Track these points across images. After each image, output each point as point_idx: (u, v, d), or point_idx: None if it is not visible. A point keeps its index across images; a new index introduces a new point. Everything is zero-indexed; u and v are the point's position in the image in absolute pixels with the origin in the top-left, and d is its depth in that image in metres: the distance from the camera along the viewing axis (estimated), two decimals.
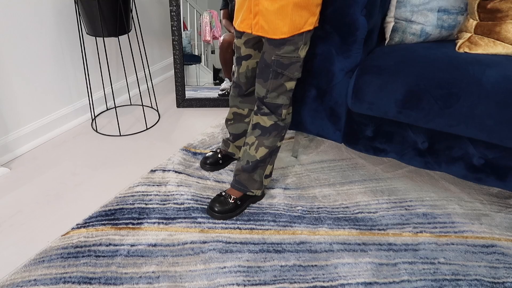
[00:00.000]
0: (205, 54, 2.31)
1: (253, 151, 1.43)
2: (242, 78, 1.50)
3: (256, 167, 1.45)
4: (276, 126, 1.40)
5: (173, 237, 1.37)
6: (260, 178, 1.47)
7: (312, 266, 1.28)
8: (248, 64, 1.46)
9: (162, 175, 1.67)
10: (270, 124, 1.40)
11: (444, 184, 1.66)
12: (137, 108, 2.22)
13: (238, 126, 1.64)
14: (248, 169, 1.45)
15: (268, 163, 1.47)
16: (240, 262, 1.28)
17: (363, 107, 1.42)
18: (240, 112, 1.61)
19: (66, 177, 1.67)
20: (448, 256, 1.32)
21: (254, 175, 1.46)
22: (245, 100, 1.58)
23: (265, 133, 1.40)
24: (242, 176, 1.47)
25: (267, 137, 1.41)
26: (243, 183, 1.47)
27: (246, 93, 1.54)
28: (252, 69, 1.47)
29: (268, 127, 1.40)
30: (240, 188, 1.47)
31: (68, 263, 1.27)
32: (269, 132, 1.40)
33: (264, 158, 1.43)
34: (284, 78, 1.33)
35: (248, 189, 1.47)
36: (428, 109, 1.30)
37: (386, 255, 1.33)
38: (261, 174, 1.47)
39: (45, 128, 1.91)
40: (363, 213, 1.51)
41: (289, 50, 1.28)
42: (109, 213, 1.47)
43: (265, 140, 1.41)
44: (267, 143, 1.41)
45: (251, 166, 1.44)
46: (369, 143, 1.53)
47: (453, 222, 1.47)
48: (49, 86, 1.88)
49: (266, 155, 1.43)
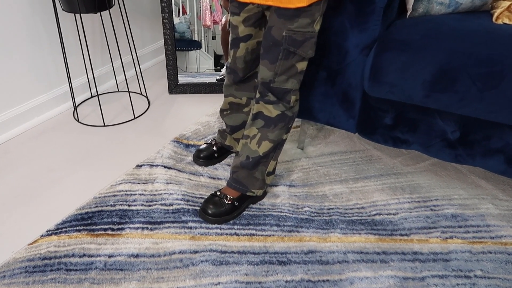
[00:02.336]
0: (206, 40, 2.10)
1: (254, 145, 1.22)
2: (240, 63, 1.28)
3: (257, 163, 1.24)
4: (283, 116, 1.19)
5: (158, 245, 1.17)
6: (261, 176, 1.27)
7: (323, 281, 1.07)
8: (247, 46, 1.24)
9: (149, 170, 1.46)
10: (276, 114, 1.18)
11: (474, 180, 1.44)
12: (125, 95, 2.00)
13: (235, 116, 1.43)
14: (248, 165, 1.24)
15: (271, 159, 1.26)
16: (237, 276, 1.08)
17: (383, 90, 1.19)
18: (238, 101, 1.40)
19: (41, 174, 1.46)
20: (486, 268, 1.11)
21: (255, 173, 1.25)
22: (242, 87, 1.36)
23: (270, 125, 1.19)
24: (240, 174, 1.26)
25: (272, 129, 1.20)
26: (241, 181, 1.26)
27: (243, 79, 1.33)
28: (252, 51, 1.25)
29: (273, 117, 1.19)
30: (238, 187, 1.27)
31: (33, 279, 1.07)
32: (275, 124, 1.19)
33: (268, 153, 1.23)
34: (296, 58, 1.11)
35: (248, 188, 1.27)
36: (464, 92, 1.08)
37: (411, 266, 1.11)
38: (263, 171, 1.26)
39: (19, 118, 1.70)
40: (381, 214, 1.29)
41: (304, 23, 1.06)
42: (86, 216, 1.26)
43: (269, 133, 1.20)
44: (272, 137, 1.20)
45: (251, 162, 1.23)
46: (388, 132, 1.31)
47: (487, 225, 1.25)
48: (23, 70, 1.67)
49: (270, 150, 1.22)
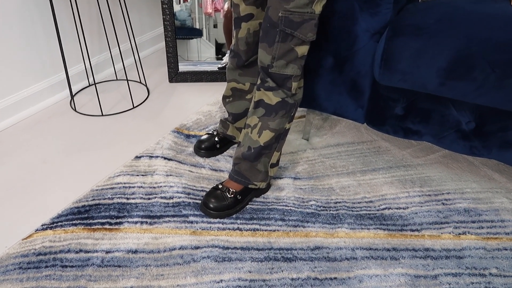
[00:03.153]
0: (207, 28, 2.02)
1: (255, 135, 1.16)
2: (242, 44, 1.22)
3: (259, 154, 1.18)
4: (284, 103, 1.13)
5: (158, 241, 1.12)
6: (265, 168, 1.21)
7: (330, 279, 1.02)
8: (249, 26, 1.18)
9: (149, 162, 1.40)
10: (276, 102, 1.13)
11: (487, 172, 1.38)
12: (124, 84, 1.93)
13: (238, 104, 1.36)
14: (250, 157, 1.19)
15: (274, 150, 1.20)
16: (240, 274, 1.03)
17: (395, 78, 1.13)
18: (241, 87, 1.33)
19: (36, 166, 1.41)
20: (501, 266, 1.06)
21: (257, 165, 1.20)
22: (246, 72, 1.30)
23: (270, 113, 1.14)
24: (242, 166, 1.21)
25: (272, 117, 1.14)
26: (243, 174, 1.21)
27: (246, 63, 1.27)
28: (254, 32, 1.20)
29: (273, 105, 1.13)
30: (240, 180, 1.21)
31: (27, 275, 1.02)
32: (275, 112, 1.14)
33: (270, 143, 1.17)
34: (295, 40, 1.05)
35: (250, 181, 1.21)
36: (482, 80, 1.01)
37: (423, 264, 1.06)
38: (266, 163, 1.21)
39: (13, 107, 1.64)
40: (391, 209, 1.24)
41: (301, 3, 0.99)
42: (82, 210, 1.21)
43: (270, 122, 1.14)
44: (273, 125, 1.15)
45: (253, 153, 1.18)
46: (398, 123, 1.24)
47: (502, 220, 1.20)
48: (16, 58, 1.60)
49: (272, 140, 1.17)
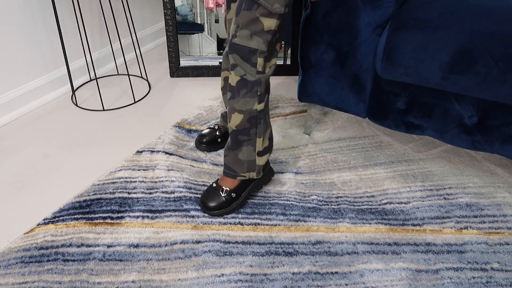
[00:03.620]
0: (208, 23, 2.01)
1: (229, 121, 1.12)
2: (229, 26, 1.17)
3: (237, 142, 1.12)
4: (244, 82, 1.04)
5: (159, 235, 1.12)
6: (249, 157, 1.15)
7: (331, 273, 1.02)
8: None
9: (150, 157, 1.40)
10: (236, 81, 1.05)
11: (489, 167, 1.38)
12: (125, 79, 1.93)
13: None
14: (231, 146, 1.15)
15: (255, 135, 1.12)
16: (241, 268, 1.03)
17: (397, 72, 1.12)
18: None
19: (37, 161, 1.41)
20: (503, 260, 1.06)
21: (238, 153, 1.15)
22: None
23: (234, 94, 1.07)
24: (229, 157, 1.17)
25: (236, 99, 1.07)
26: (230, 166, 1.18)
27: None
28: None
29: (234, 85, 1.06)
30: (227, 172, 1.19)
31: (29, 269, 1.02)
32: (237, 92, 1.06)
33: (244, 128, 1.10)
34: (260, 10, 0.95)
35: (237, 172, 1.18)
36: (485, 74, 1.01)
37: (424, 258, 1.06)
38: (250, 151, 1.14)
39: (15, 102, 1.63)
40: (392, 203, 1.23)
41: None
42: (84, 204, 1.21)
43: (235, 104, 1.08)
44: (238, 106, 1.08)
45: (231, 141, 1.14)
46: (401, 117, 1.24)
47: (504, 215, 1.19)
48: (17, 53, 1.60)
49: (244, 124, 1.10)
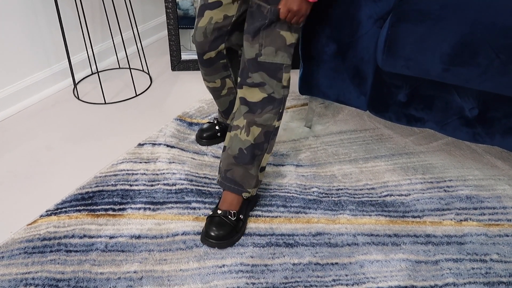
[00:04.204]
0: None
1: (243, 134, 1.07)
2: (199, 35, 1.13)
3: (253, 156, 1.08)
4: (270, 99, 1.05)
5: (161, 226, 1.13)
6: (256, 172, 1.12)
7: (332, 264, 1.03)
8: (212, 15, 1.10)
9: (151, 149, 1.41)
10: (262, 98, 1.04)
11: (489, 160, 1.38)
12: (127, 72, 1.93)
13: (219, 102, 1.33)
14: (244, 160, 1.08)
15: (265, 151, 1.11)
16: (242, 259, 1.04)
17: (398, 64, 1.12)
18: (213, 85, 1.26)
19: (40, 153, 1.42)
20: (502, 252, 1.06)
21: (251, 168, 1.10)
22: (209, 71, 1.21)
23: (256, 109, 1.05)
24: (236, 172, 1.10)
25: (258, 113, 1.05)
26: (237, 181, 1.10)
27: (205, 58, 1.17)
28: (215, 23, 1.10)
29: (259, 101, 1.04)
30: (234, 188, 1.11)
31: (32, 260, 1.04)
32: (261, 108, 1.05)
33: (260, 142, 1.08)
34: (279, 25, 0.99)
35: (244, 188, 1.11)
36: (486, 65, 1.01)
37: (424, 250, 1.07)
38: (257, 166, 1.11)
39: (17, 95, 1.64)
40: (392, 196, 1.24)
41: None
42: (86, 196, 1.22)
43: (256, 118, 1.06)
44: (260, 121, 1.06)
45: (247, 155, 1.08)
46: (401, 110, 1.24)
47: (504, 207, 1.20)
48: (19, 46, 1.60)
49: (261, 137, 1.08)
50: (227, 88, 1.28)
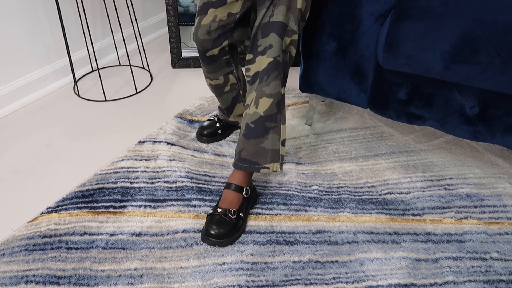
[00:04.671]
0: None
1: (252, 108, 1.05)
2: (202, 33, 1.13)
3: (265, 129, 1.05)
4: (276, 63, 1.03)
5: (161, 224, 1.13)
6: (273, 146, 1.07)
7: (332, 262, 1.03)
8: (216, 13, 1.10)
9: (152, 147, 1.41)
10: (268, 62, 1.03)
11: (490, 158, 1.38)
12: (127, 69, 1.93)
13: (221, 99, 1.33)
14: (254, 134, 1.05)
15: (280, 122, 1.06)
16: (242, 256, 1.04)
17: (399, 62, 1.12)
18: (216, 83, 1.26)
19: (40, 150, 1.42)
20: (502, 250, 1.06)
21: (263, 141, 1.06)
22: (212, 69, 1.22)
23: (262, 78, 1.03)
24: (248, 149, 1.07)
25: (265, 82, 1.03)
26: (249, 159, 1.08)
27: (208, 55, 1.17)
28: (219, 21, 1.11)
29: (265, 67, 1.03)
30: (249, 166, 1.08)
31: (33, 257, 1.04)
32: (267, 74, 1.03)
33: (271, 113, 1.04)
34: None
35: (260, 164, 1.07)
36: (487, 63, 1.00)
37: (424, 248, 1.07)
38: (275, 139, 1.06)
39: (18, 92, 1.64)
40: (393, 194, 1.24)
41: None
42: (87, 194, 1.23)
43: (264, 87, 1.03)
44: (268, 90, 1.03)
45: (256, 128, 1.04)
46: (402, 108, 1.24)
47: (504, 205, 1.20)
48: (20, 43, 1.60)
49: (273, 109, 1.04)
50: (230, 84, 1.28)
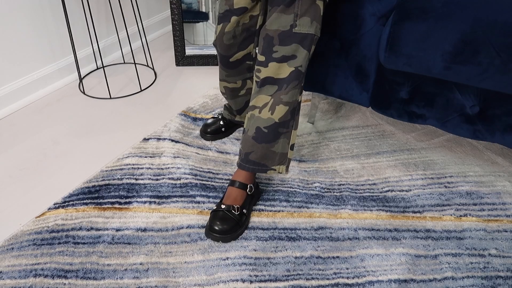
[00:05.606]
0: (213, 11, 2.01)
1: (267, 113, 1.06)
2: (228, 39, 1.14)
3: (277, 134, 1.08)
4: (297, 73, 1.03)
5: (166, 220, 1.16)
6: (283, 150, 1.11)
7: (333, 258, 1.05)
8: (239, 19, 1.12)
9: (156, 144, 1.43)
10: (290, 72, 1.02)
11: (490, 156, 1.39)
12: (131, 67, 1.95)
13: (235, 101, 1.35)
14: (265, 138, 1.07)
15: (292, 128, 1.10)
16: (246, 252, 1.06)
17: (400, 62, 1.13)
18: (232, 86, 1.28)
19: (46, 147, 1.45)
20: (500, 247, 1.08)
21: (274, 146, 1.09)
22: (232, 73, 1.24)
23: (282, 86, 1.04)
24: (259, 152, 1.10)
25: (284, 90, 1.04)
26: (258, 161, 1.11)
27: (231, 60, 1.20)
28: (243, 25, 1.13)
29: (286, 77, 1.03)
30: (257, 168, 1.12)
31: (41, 251, 1.06)
32: (287, 83, 1.03)
33: (285, 120, 1.07)
34: None
35: (268, 166, 1.11)
36: (487, 64, 1.02)
37: (423, 244, 1.09)
38: (285, 144, 1.11)
39: (24, 90, 1.66)
40: (393, 191, 1.26)
41: None
42: (93, 190, 1.25)
43: (283, 95, 1.04)
44: (286, 98, 1.04)
45: (269, 133, 1.07)
46: (403, 107, 1.25)
47: (503, 203, 1.22)
48: (26, 41, 1.62)
49: (287, 116, 1.06)
50: (246, 88, 1.30)
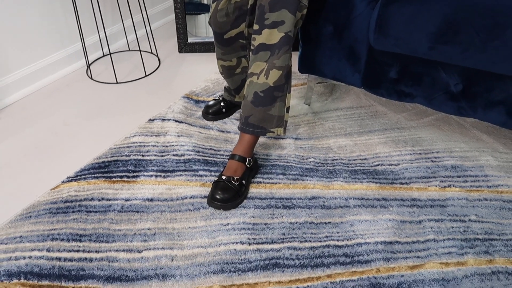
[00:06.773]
0: None
1: (262, 78, 1.13)
2: (221, 16, 1.21)
3: (273, 98, 1.15)
4: (287, 38, 1.10)
5: (171, 191, 1.25)
6: (279, 113, 1.18)
7: (325, 223, 1.14)
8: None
9: (161, 124, 1.52)
10: (280, 37, 1.09)
11: (475, 133, 1.48)
12: (136, 54, 2.04)
13: (231, 80, 1.43)
14: (262, 102, 1.14)
15: (286, 91, 1.17)
16: (245, 218, 1.15)
17: (388, 43, 1.22)
18: (228, 64, 1.36)
19: (58, 128, 1.54)
20: (480, 213, 1.17)
21: (271, 109, 1.16)
22: (228, 50, 1.31)
23: (274, 51, 1.11)
24: (256, 115, 1.17)
25: (277, 55, 1.11)
26: (256, 124, 1.18)
27: (225, 37, 1.27)
28: (235, 3, 1.20)
29: (277, 42, 1.10)
30: (256, 131, 1.19)
31: (57, 219, 1.16)
32: (279, 48, 1.10)
33: (280, 84, 1.14)
34: None
35: (266, 129, 1.19)
36: (468, 43, 1.10)
37: (409, 211, 1.18)
38: (281, 107, 1.18)
39: (35, 75, 1.75)
40: (383, 165, 1.35)
41: None
42: (103, 165, 1.34)
43: (275, 60, 1.11)
44: (279, 63, 1.11)
45: (265, 97, 1.14)
46: (392, 86, 1.34)
47: (486, 175, 1.30)
48: (37, 29, 1.71)
49: (282, 80, 1.14)
50: (242, 67, 1.37)
